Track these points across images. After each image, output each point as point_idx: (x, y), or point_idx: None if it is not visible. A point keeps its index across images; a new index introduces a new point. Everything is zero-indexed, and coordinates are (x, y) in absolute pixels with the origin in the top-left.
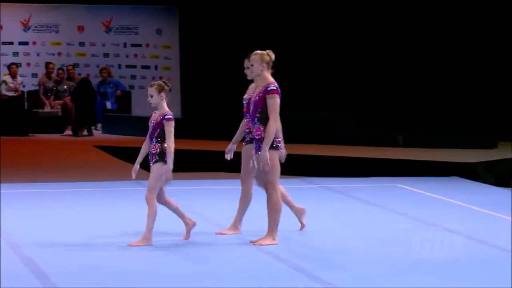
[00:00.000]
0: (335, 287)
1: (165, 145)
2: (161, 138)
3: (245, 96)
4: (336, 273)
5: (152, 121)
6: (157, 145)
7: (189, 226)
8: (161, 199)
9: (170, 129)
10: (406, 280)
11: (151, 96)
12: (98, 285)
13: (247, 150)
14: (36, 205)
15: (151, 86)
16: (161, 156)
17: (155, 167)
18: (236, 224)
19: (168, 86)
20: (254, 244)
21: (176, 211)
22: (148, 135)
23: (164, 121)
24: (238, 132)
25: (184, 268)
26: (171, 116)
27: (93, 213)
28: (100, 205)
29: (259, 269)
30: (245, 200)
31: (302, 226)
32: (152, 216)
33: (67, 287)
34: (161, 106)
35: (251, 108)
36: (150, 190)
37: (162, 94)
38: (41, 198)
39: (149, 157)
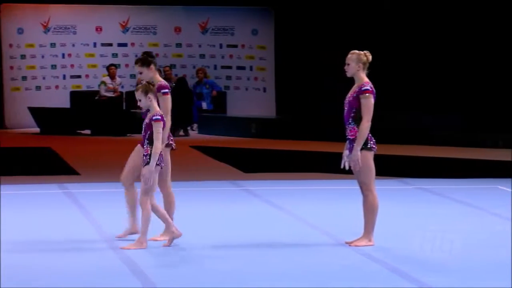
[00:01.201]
0: None
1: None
2: (152, 140)
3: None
4: (434, 275)
5: (144, 124)
6: (148, 148)
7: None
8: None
9: (158, 129)
10: (507, 283)
11: (140, 100)
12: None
13: (137, 149)
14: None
15: (136, 90)
16: (151, 159)
17: (144, 170)
18: (170, 228)
19: (153, 86)
20: (349, 245)
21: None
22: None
23: (152, 122)
24: None
25: (282, 268)
26: (159, 117)
27: (189, 213)
28: (194, 205)
29: (355, 270)
30: (168, 204)
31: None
32: (146, 220)
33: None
34: (152, 107)
35: (346, 108)
36: (143, 193)
37: (149, 95)
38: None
39: (143, 159)
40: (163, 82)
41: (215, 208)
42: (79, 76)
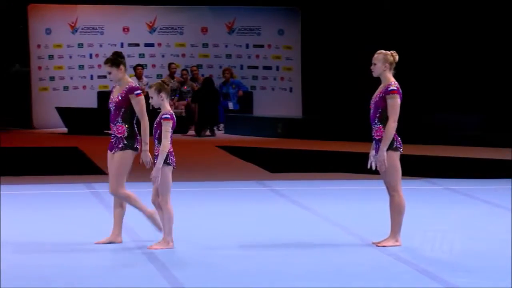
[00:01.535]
0: None
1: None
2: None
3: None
4: (463, 275)
5: (155, 122)
6: (158, 148)
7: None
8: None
9: (166, 128)
10: None
11: (152, 98)
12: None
13: (109, 157)
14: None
15: (150, 87)
16: (165, 159)
17: (153, 170)
18: (116, 232)
19: (168, 86)
20: (377, 246)
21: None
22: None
23: (162, 120)
24: None
25: (309, 268)
26: (168, 116)
27: (215, 213)
28: (221, 205)
29: (383, 271)
30: (119, 207)
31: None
32: (169, 220)
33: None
34: (163, 106)
35: (372, 108)
36: (162, 195)
37: (162, 94)
38: None
39: (154, 159)
40: (134, 83)
41: (241, 208)
42: (106, 77)
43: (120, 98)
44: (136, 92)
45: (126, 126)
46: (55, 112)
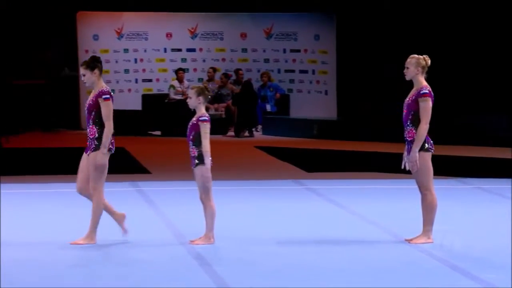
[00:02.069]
0: (494, 287)
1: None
2: (198, 141)
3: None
4: (494, 272)
5: (189, 124)
6: (194, 149)
7: None
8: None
9: (205, 130)
10: None
11: (190, 98)
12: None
13: (84, 160)
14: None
15: (192, 88)
16: (201, 159)
17: (198, 170)
18: (92, 234)
19: (208, 91)
20: (409, 242)
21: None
22: (187, 138)
23: (199, 123)
24: None
25: (344, 264)
26: (206, 118)
27: (254, 211)
28: (259, 203)
29: (415, 267)
30: (107, 206)
31: (124, 231)
32: (211, 216)
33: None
34: (199, 109)
35: (404, 111)
36: (205, 194)
37: (200, 97)
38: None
39: (191, 161)
40: (105, 88)
41: (279, 206)
42: (150, 80)
43: (91, 102)
44: (104, 97)
45: (97, 128)
46: None
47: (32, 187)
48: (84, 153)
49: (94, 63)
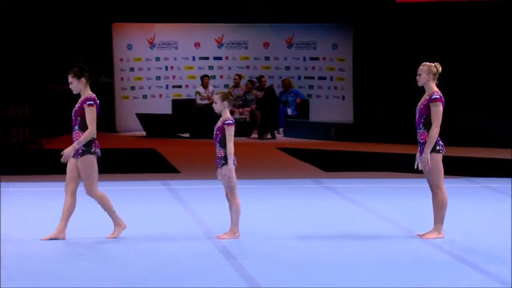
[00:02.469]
0: (502, 279)
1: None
2: (223, 142)
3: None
4: (499, 265)
5: (215, 127)
6: (221, 150)
7: None
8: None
9: (230, 133)
10: None
11: (215, 103)
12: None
13: (72, 162)
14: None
15: (217, 94)
16: (226, 160)
17: (223, 170)
18: (62, 229)
19: (232, 96)
20: (421, 238)
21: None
22: (213, 140)
23: (225, 126)
24: None
25: (359, 257)
26: (231, 121)
27: (276, 207)
28: (281, 200)
29: (427, 261)
30: (105, 204)
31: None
32: (236, 212)
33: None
34: (224, 113)
35: (417, 115)
36: (231, 192)
37: (225, 102)
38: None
39: (217, 161)
40: (90, 95)
41: (299, 203)
42: (179, 86)
43: (77, 108)
44: (88, 103)
45: (82, 133)
46: (135, 118)
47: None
48: (72, 158)
49: (81, 72)
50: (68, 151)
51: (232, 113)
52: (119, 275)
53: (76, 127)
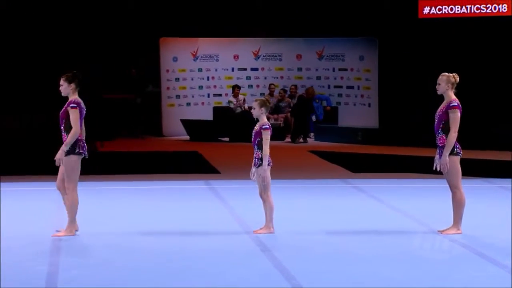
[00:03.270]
0: None
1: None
2: (261, 145)
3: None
4: None
5: (253, 131)
6: (258, 152)
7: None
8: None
9: (266, 136)
10: None
11: (254, 109)
12: None
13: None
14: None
15: (256, 100)
16: (263, 161)
17: (259, 171)
18: (73, 225)
19: (269, 103)
20: (441, 233)
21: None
22: (252, 143)
23: (262, 130)
24: None
25: (384, 251)
26: (267, 126)
27: (307, 205)
28: (312, 199)
29: (446, 254)
30: (72, 205)
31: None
32: (270, 210)
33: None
34: (261, 118)
35: (436, 120)
36: (265, 190)
37: (263, 108)
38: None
39: (254, 162)
40: (75, 99)
41: (329, 201)
42: (220, 95)
43: (63, 111)
44: (71, 105)
45: (67, 134)
46: (179, 123)
47: (122, 184)
48: None
49: (73, 78)
50: (59, 154)
51: (268, 118)
52: (162, 269)
53: (63, 130)
